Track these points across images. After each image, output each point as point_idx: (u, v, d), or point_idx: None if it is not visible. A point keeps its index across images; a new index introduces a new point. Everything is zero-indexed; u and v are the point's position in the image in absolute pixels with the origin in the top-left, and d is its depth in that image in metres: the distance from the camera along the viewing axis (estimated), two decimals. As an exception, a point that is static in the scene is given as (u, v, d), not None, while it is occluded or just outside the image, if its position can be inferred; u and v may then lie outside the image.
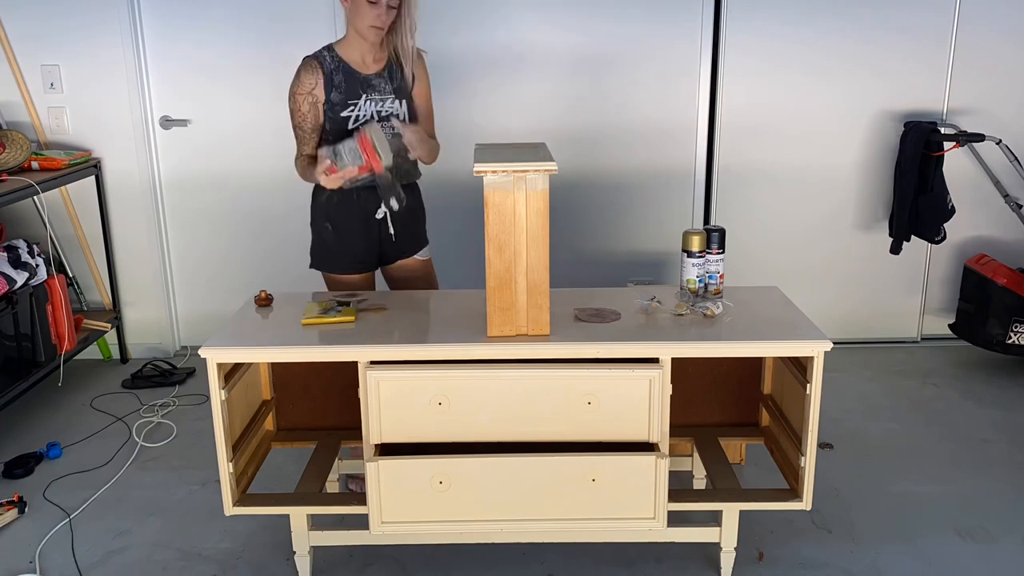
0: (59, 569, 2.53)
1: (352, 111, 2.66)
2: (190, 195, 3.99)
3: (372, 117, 2.68)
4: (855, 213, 4.01)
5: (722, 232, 2.45)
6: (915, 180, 3.71)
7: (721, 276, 2.47)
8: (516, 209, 2.13)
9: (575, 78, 3.85)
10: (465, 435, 2.20)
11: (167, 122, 3.91)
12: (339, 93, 2.65)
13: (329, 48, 2.71)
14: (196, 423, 3.41)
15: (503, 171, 2.11)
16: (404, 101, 2.73)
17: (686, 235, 2.44)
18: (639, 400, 2.16)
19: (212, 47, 3.82)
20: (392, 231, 2.74)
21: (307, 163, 2.69)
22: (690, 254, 2.45)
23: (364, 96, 2.67)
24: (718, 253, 2.45)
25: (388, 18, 2.63)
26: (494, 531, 2.30)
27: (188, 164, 3.95)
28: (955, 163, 3.81)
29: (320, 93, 2.65)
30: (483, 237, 2.15)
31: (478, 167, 2.12)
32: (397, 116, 2.71)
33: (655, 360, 2.17)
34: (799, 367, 2.29)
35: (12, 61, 3.77)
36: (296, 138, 2.72)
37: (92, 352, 4.05)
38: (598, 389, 2.16)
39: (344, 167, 2.48)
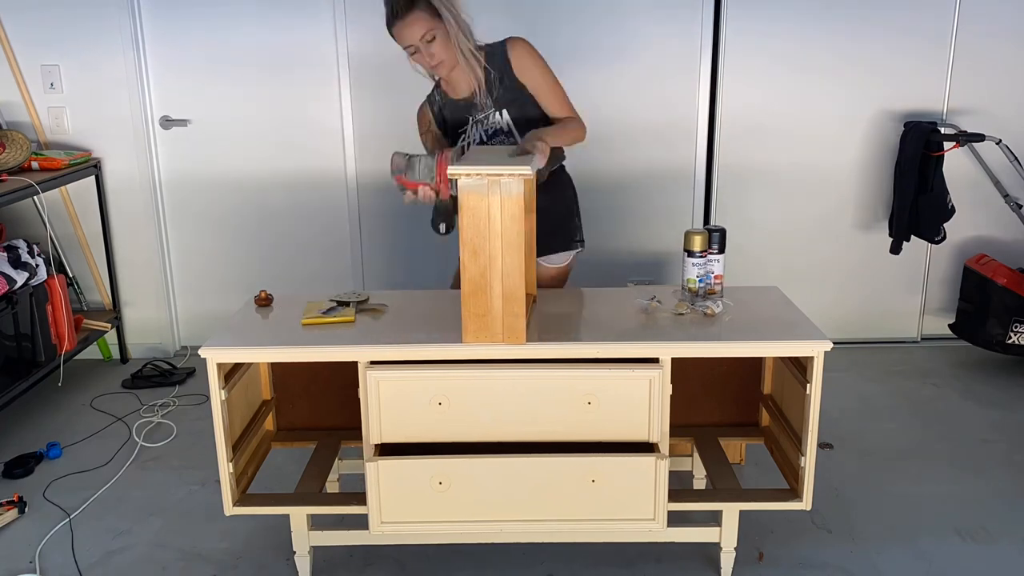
0: (59, 569, 2.53)
1: (462, 139, 2.67)
2: (190, 195, 3.99)
3: (482, 140, 2.65)
4: (855, 213, 4.01)
5: (722, 232, 2.45)
6: (915, 180, 3.71)
7: (717, 277, 2.47)
8: (491, 213, 2.09)
9: (574, 78, 3.83)
10: (465, 435, 2.20)
11: (167, 122, 3.91)
12: (450, 125, 2.69)
13: (437, 86, 2.73)
14: (196, 423, 3.41)
15: (476, 174, 2.08)
16: (504, 110, 2.64)
17: (688, 235, 2.44)
18: (639, 400, 2.16)
19: (212, 47, 3.82)
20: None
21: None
22: (691, 254, 2.45)
23: (470, 120, 2.67)
24: (715, 253, 2.45)
25: (435, 54, 2.52)
26: (494, 531, 2.30)
27: (188, 164, 3.95)
28: (955, 163, 3.80)
29: (435, 127, 2.73)
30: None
31: (452, 169, 2.08)
32: (503, 130, 2.65)
33: (655, 360, 2.17)
34: (799, 367, 2.29)
35: (12, 61, 3.77)
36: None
37: (92, 352, 4.05)
38: (598, 389, 2.16)
39: (414, 179, 2.38)
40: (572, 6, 3.77)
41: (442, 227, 2.48)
